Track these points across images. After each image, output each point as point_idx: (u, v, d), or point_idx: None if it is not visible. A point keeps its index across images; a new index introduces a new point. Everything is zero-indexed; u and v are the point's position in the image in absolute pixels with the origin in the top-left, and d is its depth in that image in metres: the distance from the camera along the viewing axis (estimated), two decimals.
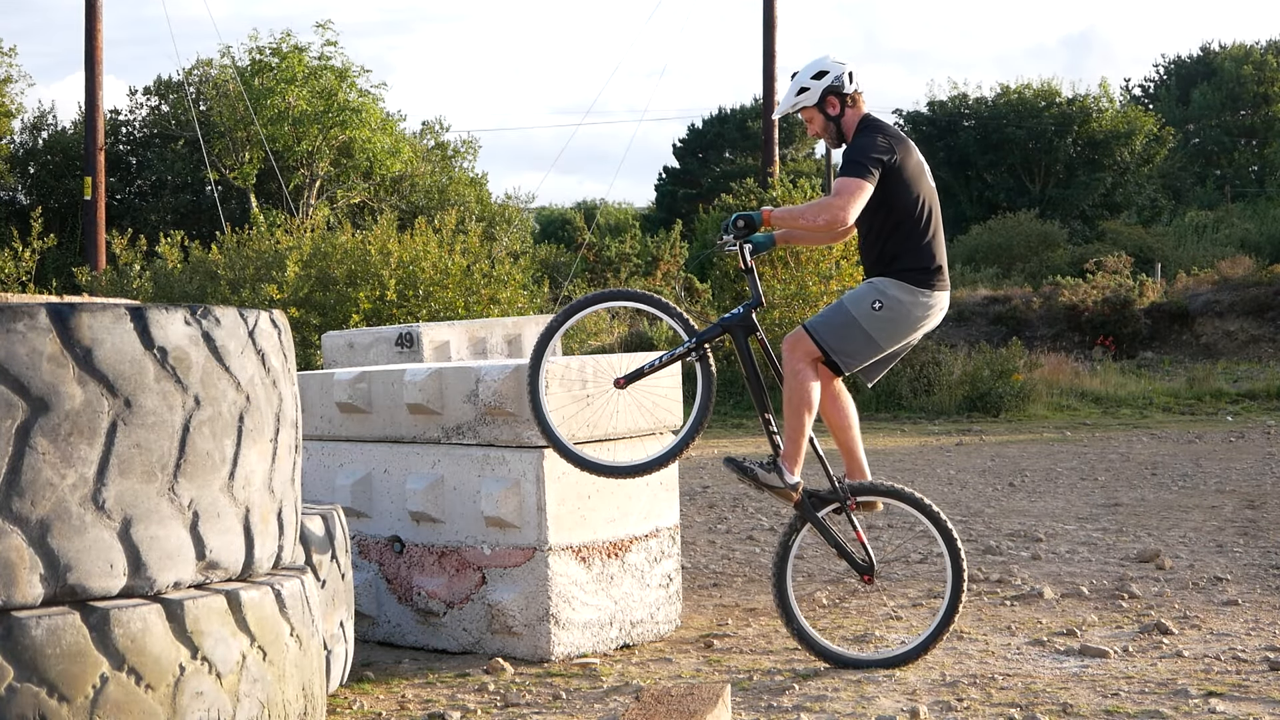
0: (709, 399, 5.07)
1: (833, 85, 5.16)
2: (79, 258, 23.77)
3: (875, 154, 4.99)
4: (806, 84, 5.19)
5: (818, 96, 5.17)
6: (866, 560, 5.28)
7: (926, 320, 5.12)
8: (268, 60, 28.24)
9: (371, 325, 14.47)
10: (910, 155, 5.11)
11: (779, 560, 5.19)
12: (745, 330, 5.17)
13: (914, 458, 13.00)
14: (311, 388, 5.88)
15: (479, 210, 27.67)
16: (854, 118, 5.19)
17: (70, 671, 3.04)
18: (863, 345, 5.06)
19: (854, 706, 4.57)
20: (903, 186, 5.05)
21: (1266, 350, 24.30)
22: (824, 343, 5.03)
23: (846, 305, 5.07)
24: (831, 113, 5.20)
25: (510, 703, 4.68)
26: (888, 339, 5.08)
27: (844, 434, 5.28)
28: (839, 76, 5.16)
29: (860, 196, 4.93)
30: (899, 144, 5.09)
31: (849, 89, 5.18)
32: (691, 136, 48.58)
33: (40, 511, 3.08)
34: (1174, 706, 4.49)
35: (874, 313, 5.02)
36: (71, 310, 3.16)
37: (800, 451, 5.10)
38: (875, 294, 5.05)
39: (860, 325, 5.03)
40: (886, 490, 5.24)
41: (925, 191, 5.15)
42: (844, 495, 5.19)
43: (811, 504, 5.18)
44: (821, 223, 4.98)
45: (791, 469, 5.08)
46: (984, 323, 25.95)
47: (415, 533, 5.54)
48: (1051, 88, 42.49)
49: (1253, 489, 10.19)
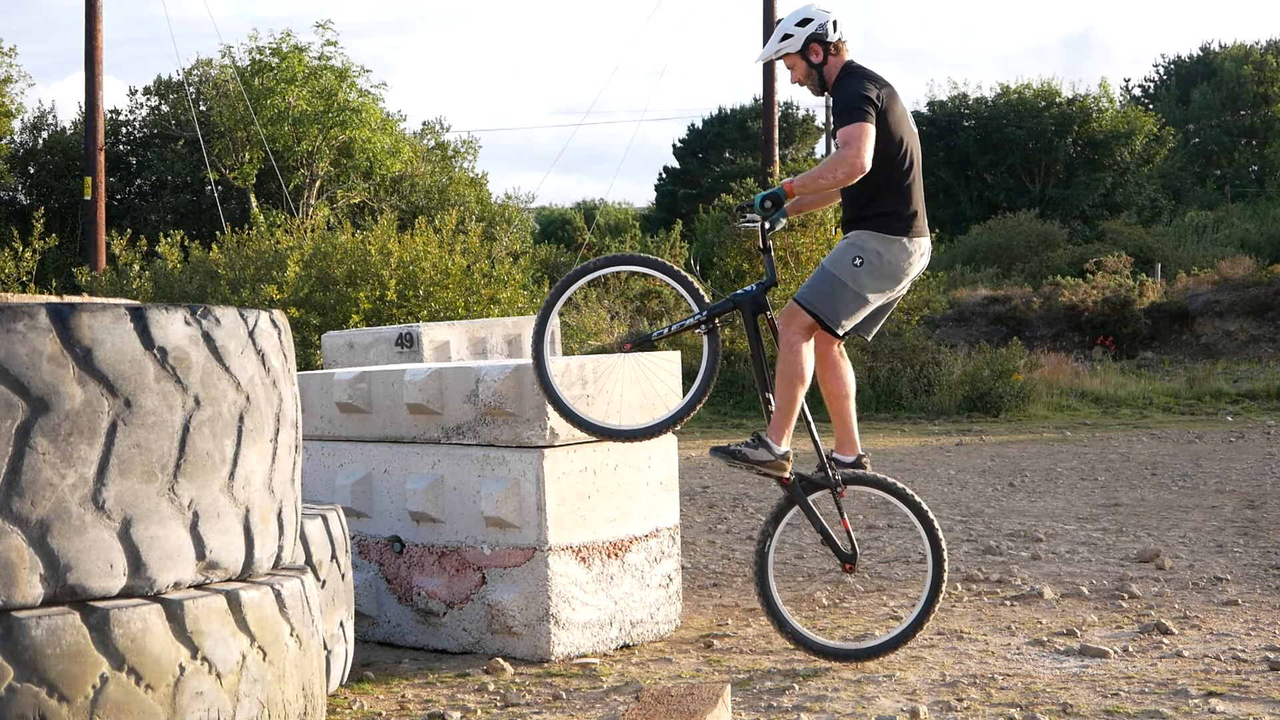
0: (713, 371, 5.13)
1: (816, 33, 5.19)
2: (79, 258, 23.76)
3: (867, 94, 5.02)
4: (791, 30, 5.21)
5: (801, 43, 5.20)
6: (850, 549, 5.30)
7: (909, 267, 5.13)
8: (268, 60, 28.25)
9: (371, 325, 14.47)
10: (895, 100, 5.14)
11: (762, 540, 5.20)
12: (755, 308, 5.21)
13: (914, 458, 13.00)
14: (311, 388, 5.89)
15: (479, 210, 27.68)
16: (836, 65, 5.22)
17: (70, 671, 3.04)
18: (851, 302, 5.08)
19: (854, 706, 4.56)
20: (887, 132, 5.07)
21: (1266, 350, 24.30)
22: (815, 309, 5.06)
23: (828, 268, 5.10)
24: (815, 60, 5.22)
25: (510, 703, 4.68)
26: (874, 291, 5.10)
27: (840, 403, 5.28)
28: (823, 24, 5.19)
29: (868, 140, 4.94)
30: (884, 87, 5.12)
31: (833, 37, 5.20)
32: (691, 136, 48.57)
33: (40, 511, 3.08)
34: (1174, 706, 4.49)
35: (855, 269, 5.05)
36: (71, 310, 3.16)
37: (789, 423, 5.11)
38: (854, 250, 5.07)
39: (845, 284, 5.05)
40: (876, 482, 5.27)
41: (907, 136, 5.17)
42: (835, 483, 5.21)
43: (802, 487, 5.20)
44: (841, 175, 4.97)
45: (779, 440, 5.09)
46: (984, 323, 25.95)
47: (415, 533, 5.54)
48: (1051, 88, 42.49)
49: (1253, 489, 10.19)
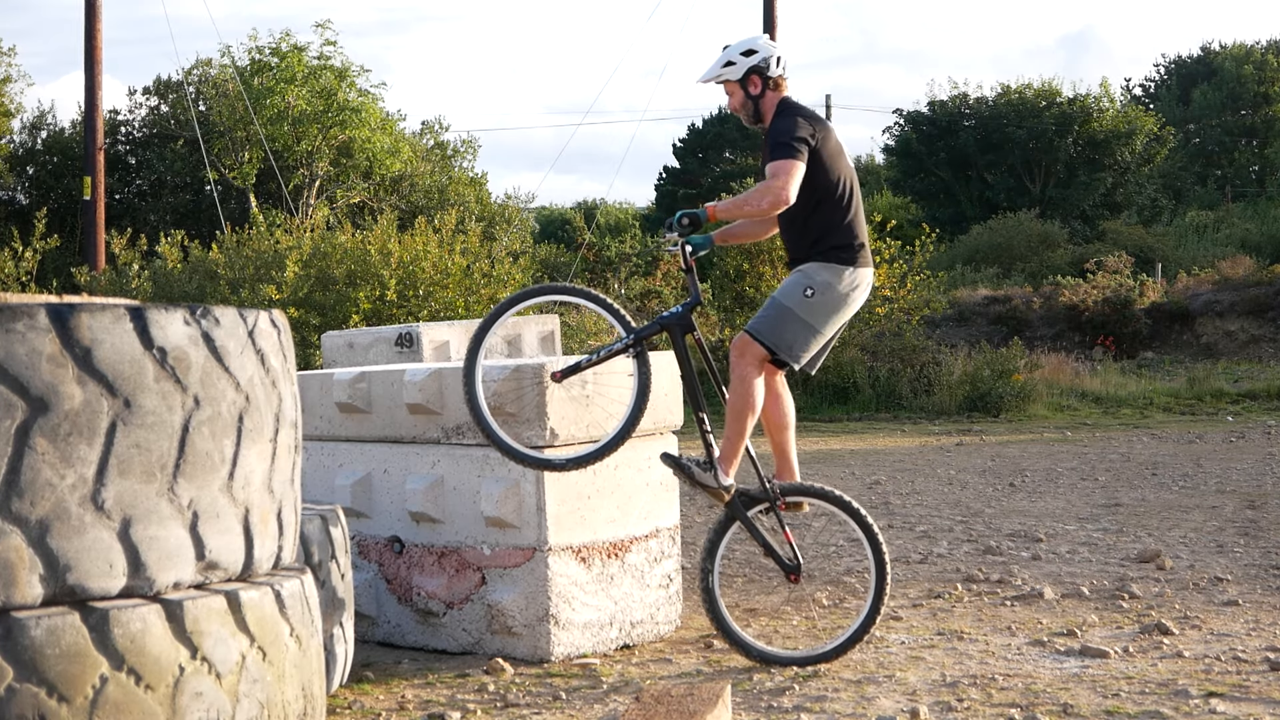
0: (644, 397, 5.10)
1: (758, 65, 5.25)
2: (78, 258, 23.76)
3: (800, 134, 5.08)
4: (734, 59, 5.27)
5: (741, 73, 5.26)
6: (794, 560, 5.31)
7: (855, 297, 5.18)
8: (267, 60, 28.24)
9: (371, 325, 14.46)
10: (829, 136, 5.19)
11: (706, 556, 5.19)
12: (683, 329, 5.22)
13: (914, 458, 13.00)
14: (311, 388, 5.88)
15: (479, 210, 27.67)
16: (773, 100, 5.28)
17: (70, 672, 3.04)
18: (803, 334, 5.12)
19: (854, 706, 4.56)
20: (823, 167, 5.13)
21: (1266, 350, 24.30)
22: (768, 341, 5.09)
23: (779, 300, 5.13)
24: (753, 91, 5.28)
25: (510, 703, 4.68)
26: (825, 323, 5.14)
27: (780, 434, 5.34)
28: (766, 58, 5.25)
29: (796, 175, 5.02)
30: (819, 125, 5.18)
31: (774, 72, 5.26)
32: (691, 136, 48.57)
33: (40, 511, 3.07)
34: (1174, 707, 4.48)
35: (807, 300, 5.09)
36: (71, 310, 3.15)
37: (738, 455, 5.15)
38: (805, 281, 5.11)
39: (797, 315, 5.09)
40: (814, 491, 5.30)
41: (845, 171, 5.22)
42: (774, 495, 5.22)
43: (742, 503, 5.21)
44: (766, 205, 5.03)
45: (727, 471, 5.12)
46: (984, 323, 25.95)
47: (415, 533, 5.54)
48: (1052, 88, 42.47)
49: (1253, 489, 10.19)
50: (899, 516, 9.05)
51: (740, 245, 19.23)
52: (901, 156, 44.83)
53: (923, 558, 7.47)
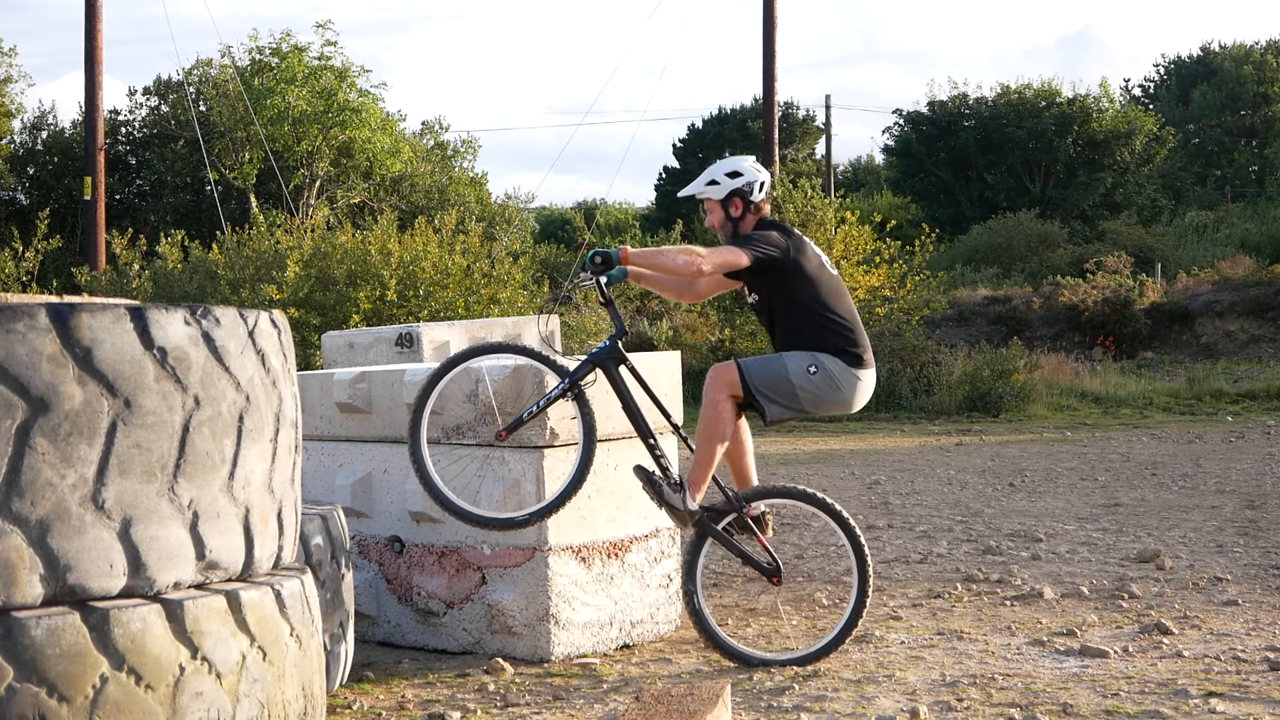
0: (591, 437, 5.02)
1: (741, 189, 5.27)
2: (79, 258, 23.76)
3: (766, 244, 5.13)
4: (719, 178, 5.30)
5: (724, 194, 5.30)
6: (772, 563, 5.33)
7: (855, 397, 5.20)
8: (267, 60, 28.25)
9: (371, 325, 14.47)
10: (806, 245, 5.26)
11: (687, 578, 5.20)
12: (615, 361, 5.18)
13: (914, 458, 13.00)
14: (311, 388, 5.88)
15: (479, 210, 27.67)
16: (751, 223, 5.32)
17: (70, 671, 3.04)
18: (787, 400, 5.14)
19: (854, 706, 4.56)
20: (808, 278, 5.17)
21: (1266, 350, 24.30)
22: (754, 385, 5.10)
23: (785, 360, 5.14)
24: (733, 213, 5.32)
25: (510, 703, 4.68)
26: (811, 403, 5.17)
27: (740, 460, 5.38)
28: (750, 183, 5.28)
29: (728, 260, 5.06)
30: (795, 239, 5.22)
31: (756, 197, 5.30)
32: (691, 136, 48.56)
33: (40, 511, 3.08)
34: (1174, 706, 4.48)
35: (809, 375, 5.11)
36: (71, 310, 3.15)
37: (706, 479, 5.16)
38: (813, 360, 5.14)
39: (792, 382, 5.11)
40: (779, 491, 5.31)
41: (833, 281, 5.27)
42: (738, 504, 5.23)
43: (710, 518, 5.21)
44: (680, 263, 5.04)
45: (694, 495, 5.13)
46: (984, 323, 25.96)
47: (415, 533, 5.54)
48: (1052, 88, 42.47)
49: (1253, 489, 10.19)
50: (899, 516, 9.05)
51: None
52: (901, 156, 44.84)
53: (923, 558, 7.47)
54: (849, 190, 40.59)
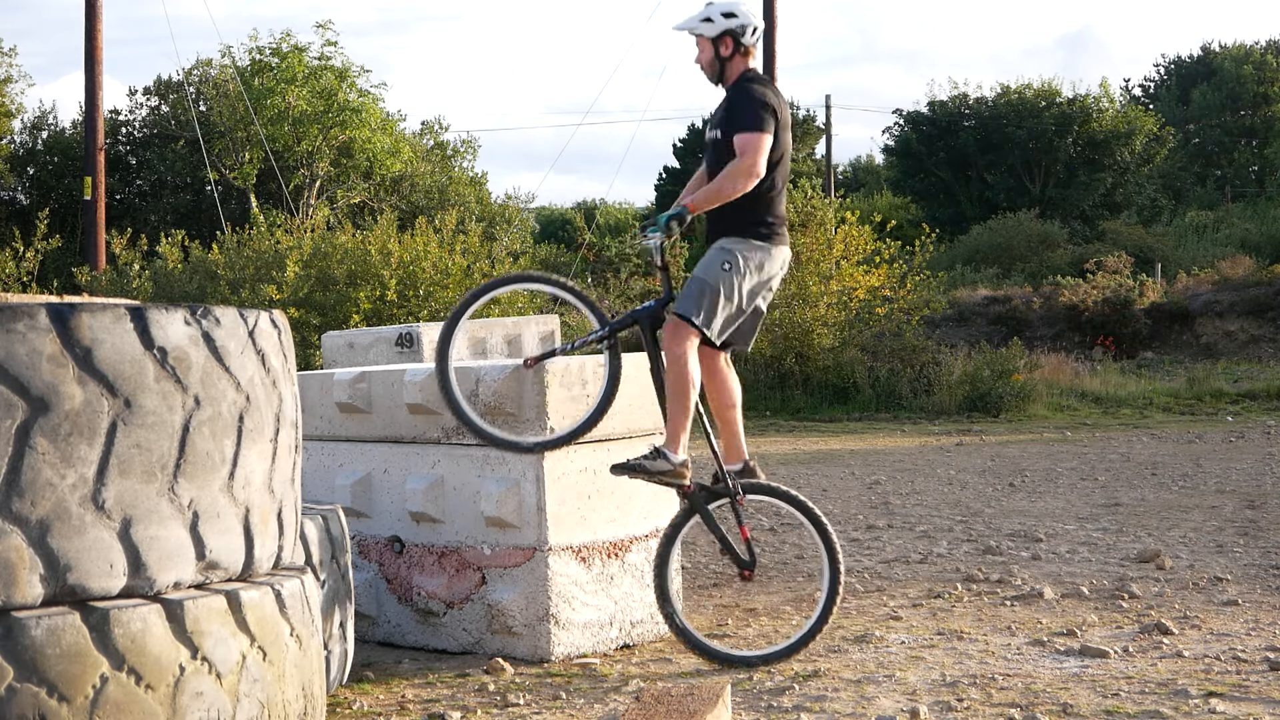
0: (614, 388, 5.24)
1: (735, 29, 5.29)
2: (79, 258, 23.76)
3: (768, 104, 5.17)
4: (714, 17, 5.31)
5: (717, 31, 5.31)
6: (749, 556, 5.38)
7: (775, 273, 5.26)
8: (268, 60, 28.26)
9: (371, 325, 14.46)
10: (784, 110, 5.28)
11: (663, 549, 5.21)
12: (654, 324, 5.31)
13: (914, 458, 13.00)
14: (311, 388, 5.88)
15: (479, 210, 27.68)
16: (739, 66, 5.33)
17: (70, 671, 3.04)
18: (722, 308, 5.17)
19: (854, 706, 4.56)
20: (776, 144, 5.20)
21: (1266, 350, 24.30)
22: (691, 319, 5.14)
23: (699, 275, 5.20)
24: (724, 52, 5.33)
25: (510, 703, 4.68)
26: (744, 296, 5.20)
27: (726, 412, 5.41)
28: (744, 25, 5.30)
29: (765, 148, 5.12)
30: (780, 99, 5.25)
31: (748, 40, 5.32)
32: (691, 136, 48.50)
33: (40, 511, 3.08)
34: (1174, 707, 4.48)
35: (724, 273, 5.16)
36: (71, 310, 3.16)
37: (683, 432, 5.19)
38: (723, 256, 5.19)
39: (716, 288, 5.15)
40: (775, 491, 5.37)
41: (786, 147, 5.29)
42: (734, 491, 5.29)
43: (703, 497, 5.27)
44: (742, 186, 5.11)
45: (675, 449, 5.16)
46: (984, 323, 25.95)
47: (415, 533, 5.54)
48: (1052, 88, 42.48)
49: (1253, 489, 10.19)
50: (899, 516, 9.05)
51: None
52: (901, 156, 44.84)
53: (923, 558, 7.47)
54: (849, 190, 40.62)
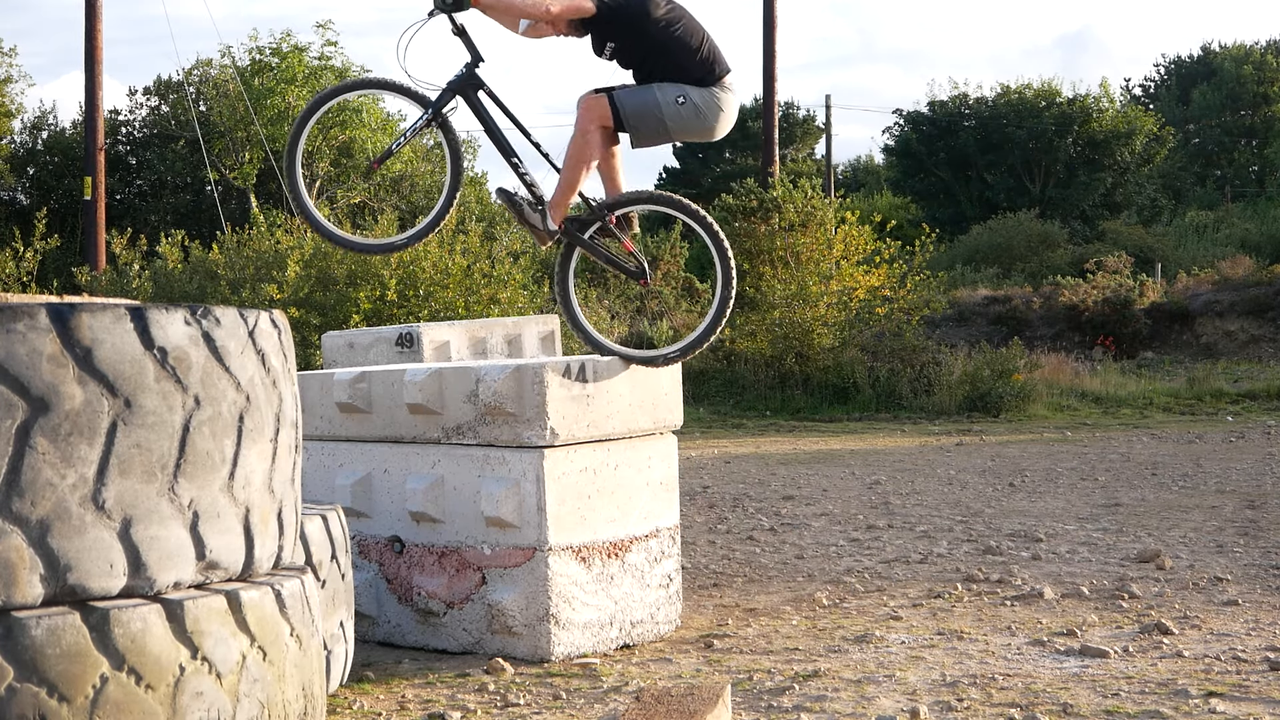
0: (458, 163, 5.47)
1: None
2: (79, 258, 23.77)
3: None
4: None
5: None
6: (639, 266, 5.65)
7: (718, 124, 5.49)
8: (268, 60, 28.27)
9: (371, 325, 14.47)
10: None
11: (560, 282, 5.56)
12: (474, 88, 5.52)
13: (914, 457, 13.00)
14: (311, 388, 5.89)
15: (479, 210, 27.66)
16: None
17: (70, 671, 3.04)
18: (655, 129, 5.43)
19: (854, 706, 4.56)
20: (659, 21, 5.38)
21: (1266, 350, 24.30)
22: (625, 115, 5.38)
23: (655, 91, 5.42)
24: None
25: (510, 703, 4.68)
26: (678, 131, 5.48)
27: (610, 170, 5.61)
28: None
29: (577, 6, 5.32)
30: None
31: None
32: None
33: (40, 511, 3.08)
34: (1174, 706, 4.48)
35: (677, 106, 5.42)
36: (71, 310, 3.16)
37: (567, 202, 5.46)
38: (681, 91, 5.43)
39: (662, 113, 5.40)
40: (643, 197, 5.60)
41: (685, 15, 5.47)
42: (601, 212, 5.53)
43: (576, 229, 5.51)
44: (529, 4, 5.31)
45: (555, 219, 5.44)
46: (984, 323, 25.95)
47: (415, 533, 5.54)
48: (1052, 88, 42.49)
49: (1253, 489, 10.19)
50: (899, 516, 9.05)
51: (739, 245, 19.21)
52: (901, 156, 44.85)
53: (923, 558, 7.47)
54: (849, 190, 40.62)
